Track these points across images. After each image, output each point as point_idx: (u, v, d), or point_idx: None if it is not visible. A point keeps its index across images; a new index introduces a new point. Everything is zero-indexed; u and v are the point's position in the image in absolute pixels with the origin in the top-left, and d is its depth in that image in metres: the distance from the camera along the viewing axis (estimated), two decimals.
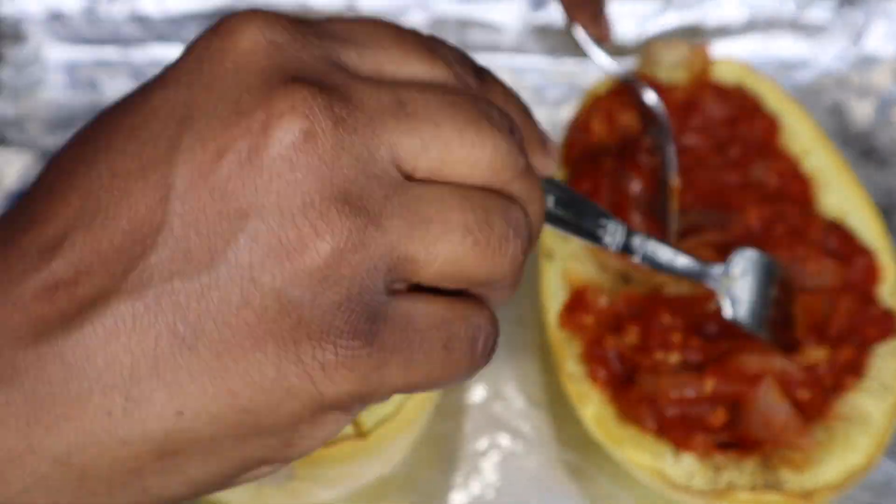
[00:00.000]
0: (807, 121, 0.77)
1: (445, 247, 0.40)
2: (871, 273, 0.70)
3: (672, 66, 0.78)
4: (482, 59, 0.99)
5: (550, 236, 0.73)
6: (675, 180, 0.73)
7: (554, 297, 0.71)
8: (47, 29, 0.91)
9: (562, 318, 0.70)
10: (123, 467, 0.39)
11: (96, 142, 0.41)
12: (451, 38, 0.92)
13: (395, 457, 0.68)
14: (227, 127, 0.38)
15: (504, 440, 0.74)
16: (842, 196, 0.74)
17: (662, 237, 0.71)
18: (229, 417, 0.38)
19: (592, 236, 0.52)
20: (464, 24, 0.92)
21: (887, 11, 0.90)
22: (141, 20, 0.91)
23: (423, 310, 0.40)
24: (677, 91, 0.77)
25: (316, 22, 0.42)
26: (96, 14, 0.91)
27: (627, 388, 0.67)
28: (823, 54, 0.91)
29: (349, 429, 0.62)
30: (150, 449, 0.38)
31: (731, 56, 0.80)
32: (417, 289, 0.41)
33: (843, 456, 0.64)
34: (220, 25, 0.40)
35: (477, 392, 0.76)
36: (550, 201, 0.50)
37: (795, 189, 0.73)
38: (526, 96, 0.91)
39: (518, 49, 0.92)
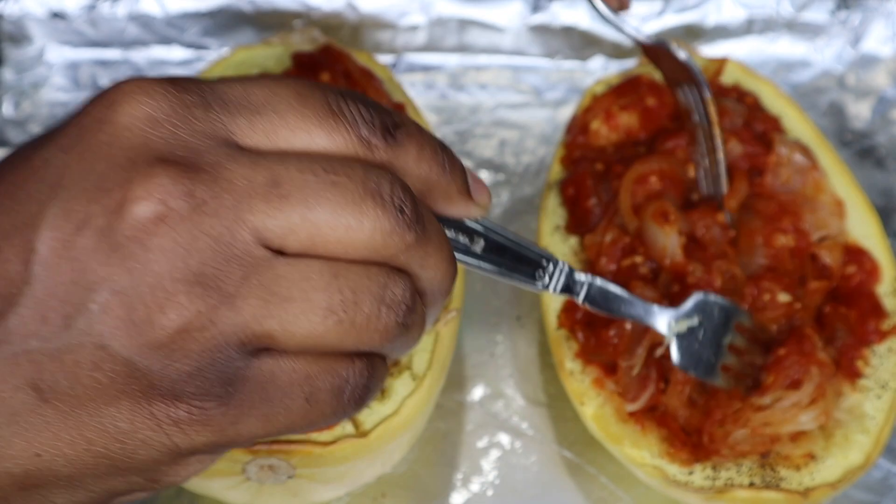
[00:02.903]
0: (804, 121, 0.77)
1: (304, 325, 0.40)
2: (869, 273, 0.70)
3: None
4: (482, 59, 0.99)
5: (548, 238, 0.73)
6: (717, 129, 0.72)
7: (554, 298, 0.71)
8: (49, 30, 0.91)
9: (561, 318, 0.70)
10: None
11: None
12: (451, 39, 0.92)
13: (395, 456, 0.68)
14: (90, 201, 0.39)
15: (504, 438, 0.75)
16: (840, 196, 0.74)
17: (712, 192, 0.71)
18: (86, 460, 0.41)
19: (527, 281, 0.50)
20: (464, 24, 0.92)
21: (885, 12, 0.91)
22: (142, 20, 0.91)
23: (287, 366, 0.41)
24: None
25: (209, 86, 0.42)
26: (98, 14, 0.91)
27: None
28: (821, 55, 0.91)
29: (349, 428, 0.63)
30: (12, 482, 0.41)
31: (729, 56, 0.80)
32: None
33: (841, 454, 0.65)
34: (106, 94, 0.42)
35: (477, 391, 0.77)
36: (479, 247, 0.49)
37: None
38: (526, 97, 0.91)
39: (518, 50, 0.92)
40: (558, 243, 0.73)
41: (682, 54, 0.72)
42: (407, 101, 0.76)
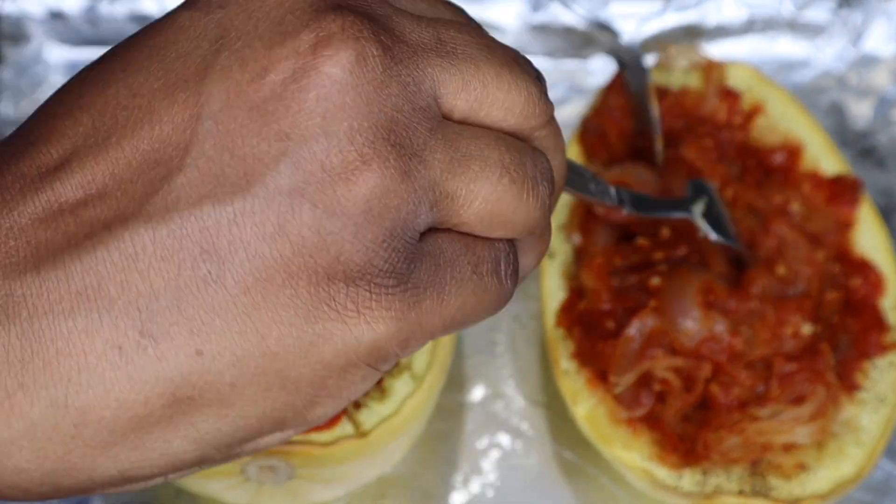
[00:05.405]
0: (818, 131, 0.76)
1: (484, 185, 0.38)
2: (874, 286, 0.70)
3: (685, 71, 0.78)
4: None
5: (552, 236, 0.73)
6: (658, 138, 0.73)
7: (552, 296, 0.71)
8: (48, 29, 0.91)
9: (559, 317, 0.70)
10: (129, 413, 0.35)
11: (111, 64, 0.37)
12: None
13: (395, 456, 0.68)
14: (271, 47, 0.35)
15: (504, 439, 0.75)
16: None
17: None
18: (254, 362, 0.35)
19: (599, 195, 0.56)
20: None
21: (886, 12, 0.90)
22: (142, 20, 0.91)
23: (449, 241, 0.39)
24: (688, 97, 0.77)
25: None
26: (97, 14, 0.91)
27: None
28: (822, 54, 0.91)
29: (349, 429, 0.63)
30: (163, 392, 0.35)
31: (730, 57, 0.80)
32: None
33: (834, 466, 0.65)
34: None
35: (477, 391, 0.77)
36: None
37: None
38: None
39: (518, 49, 0.92)
40: (561, 242, 0.73)
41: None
42: None
